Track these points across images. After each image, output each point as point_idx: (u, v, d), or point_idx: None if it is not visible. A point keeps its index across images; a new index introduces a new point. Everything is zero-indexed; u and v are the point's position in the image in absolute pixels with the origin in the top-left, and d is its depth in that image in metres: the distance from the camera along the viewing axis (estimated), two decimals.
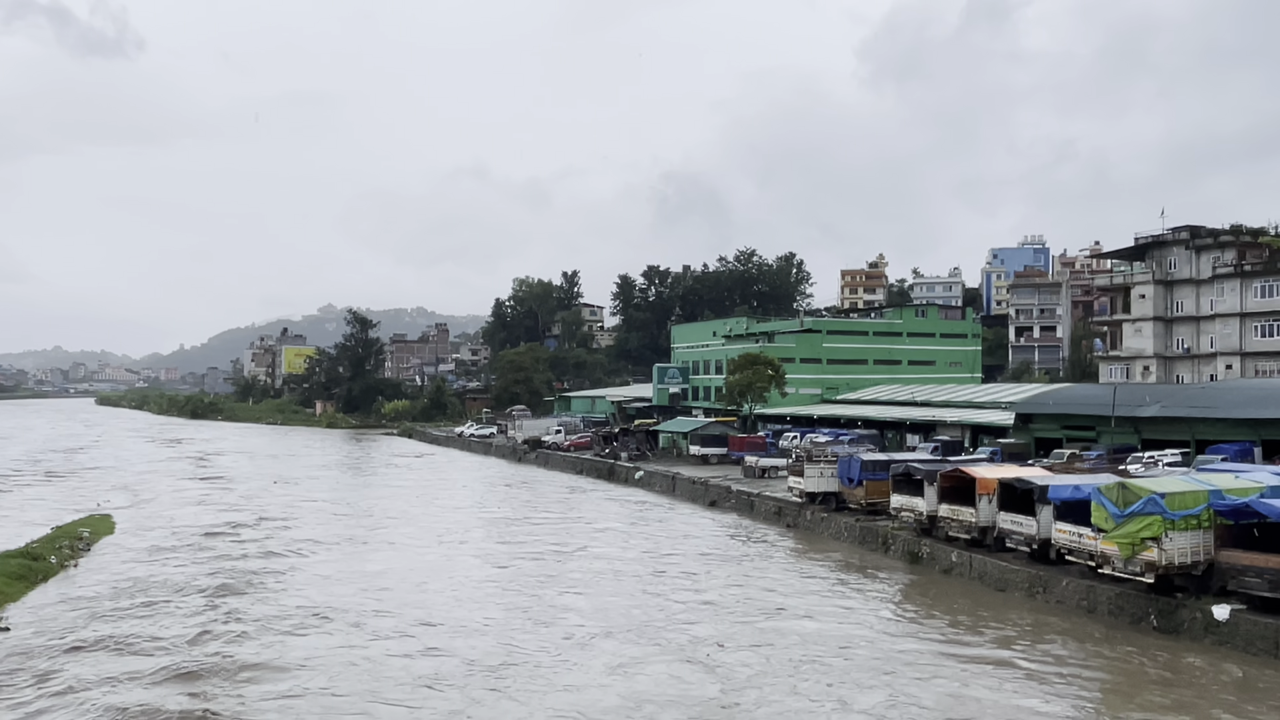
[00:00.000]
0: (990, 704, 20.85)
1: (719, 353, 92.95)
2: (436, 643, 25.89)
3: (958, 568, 33.17)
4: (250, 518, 50.28)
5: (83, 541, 39.27)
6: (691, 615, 28.88)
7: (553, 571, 36.50)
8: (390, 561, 38.68)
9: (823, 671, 23.19)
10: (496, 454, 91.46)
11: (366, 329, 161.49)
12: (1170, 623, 25.27)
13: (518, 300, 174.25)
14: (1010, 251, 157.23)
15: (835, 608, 29.55)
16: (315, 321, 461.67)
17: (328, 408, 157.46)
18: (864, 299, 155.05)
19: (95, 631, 26.19)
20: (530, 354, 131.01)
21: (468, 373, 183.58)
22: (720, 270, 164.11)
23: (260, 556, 39.10)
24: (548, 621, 28.07)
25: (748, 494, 50.64)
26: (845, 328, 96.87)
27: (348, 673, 23.31)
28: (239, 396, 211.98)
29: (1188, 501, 25.22)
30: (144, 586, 31.94)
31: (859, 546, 38.98)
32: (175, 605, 29.74)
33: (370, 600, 31.15)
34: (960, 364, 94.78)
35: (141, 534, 43.36)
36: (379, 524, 49.88)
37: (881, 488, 39.50)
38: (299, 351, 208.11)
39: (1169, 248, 74.08)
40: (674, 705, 20.81)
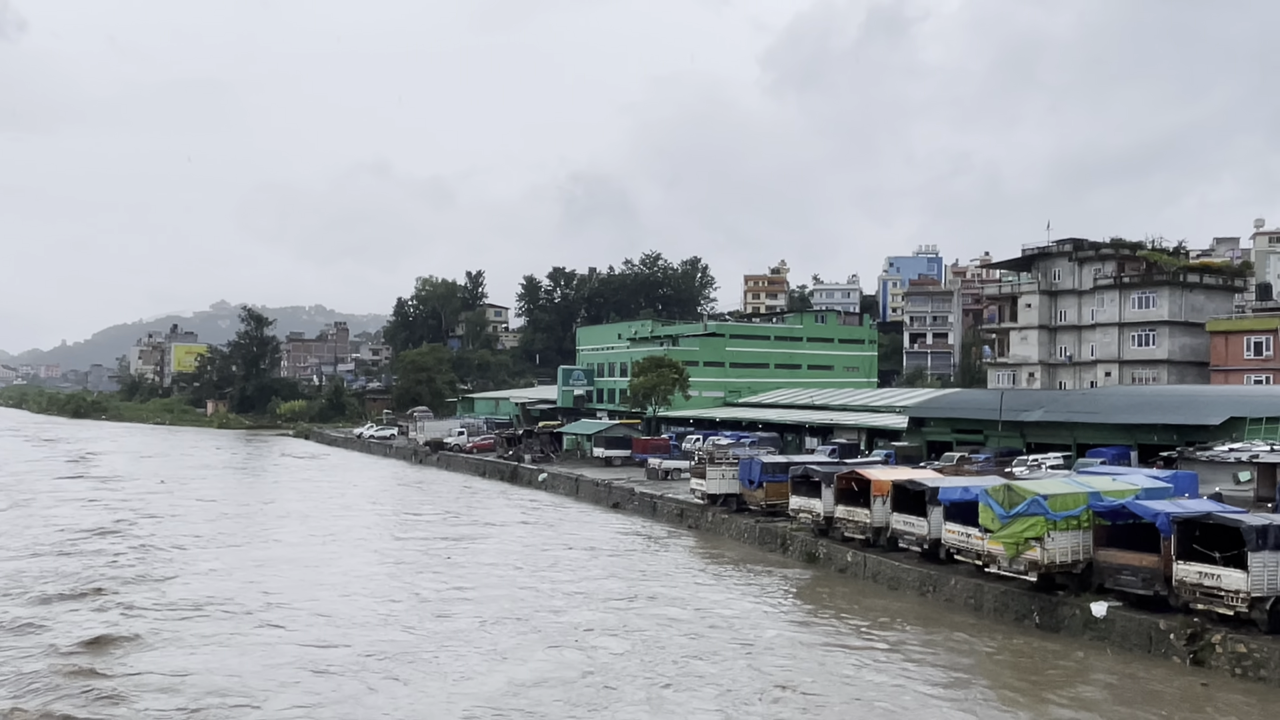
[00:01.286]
0: (867, 687, 21.61)
1: (624, 355, 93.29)
2: (325, 633, 26.62)
3: (853, 567, 34.02)
4: (135, 516, 49.47)
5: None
6: (573, 605, 30.07)
7: (445, 569, 36.98)
8: (280, 558, 38.95)
9: (695, 654, 24.23)
10: (397, 456, 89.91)
11: (262, 326, 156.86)
12: (1052, 620, 26.42)
13: (421, 300, 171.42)
14: (906, 260, 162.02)
15: (727, 600, 30.07)
16: (208, 318, 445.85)
17: (220, 407, 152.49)
18: (766, 304, 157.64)
19: None
20: (433, 354, 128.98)
21: (368, 373, 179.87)
22: (626, 273, 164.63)
23: (145, 553, 38.81)
24: (439, 614, 28.95)
25: (651, 496, 50.95)
26: (748, 332, 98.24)
27: (236, 659, 23.89)
28: (125, 395, 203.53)
29: (1068, 503, 26.40)
30: (19, 588, 30.39)
31: (758, 547, 39.64)
32: (55, 604, 28.99)
33: (259, 594, 31.54)
34: (857, 369, 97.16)
35: (17, 535, 41.24)
36: (269, 523, 49.55)
37: (781, 489, 40.20)
38: (190, 349, 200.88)
39: (1054, 259, 77.35)
40: (550, 685, 22.27)
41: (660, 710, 20.88)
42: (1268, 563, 22.13)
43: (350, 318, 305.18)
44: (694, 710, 20.86)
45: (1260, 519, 23.31)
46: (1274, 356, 61.56)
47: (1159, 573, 24.17)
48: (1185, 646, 23.04)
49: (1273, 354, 61.67)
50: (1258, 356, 62.46)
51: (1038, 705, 21.22)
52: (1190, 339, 69.27)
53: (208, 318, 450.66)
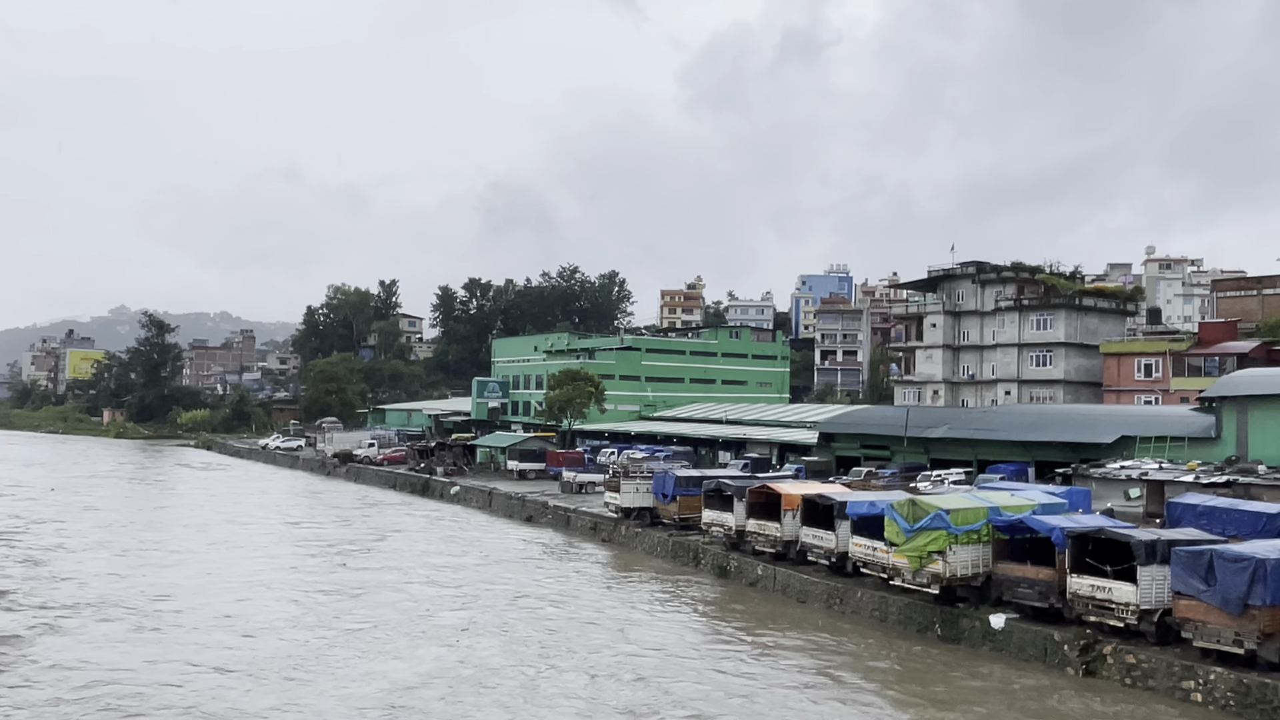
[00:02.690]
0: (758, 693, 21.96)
1: (540, 368, 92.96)
2: (216, 635, 27.47)
3: (763, 580, 34.48)
4: (24, 523, 48.99)
5: None
6: (467, 610, 31.10)
7: (341, 577, 37.21)
8: (174, 564, 39.24)
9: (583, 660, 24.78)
10: (304, 467, 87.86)
11: (163, 333, 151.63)
12: (953, 631, 27.21)
13: (332, 308, 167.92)
14: (818, 279, 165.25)
15: (633, 611, 30.21)
16: (106, 324, 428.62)
17: (117, 416, 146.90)
18: (682, 319, 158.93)
19: None
20: (344, 364, 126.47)
21: (275, 382, 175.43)
22: (543, 285, 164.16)
23: (34, 557, 38.74)
24: (332, 618, 29.97)
25: (565, 509, 50.81)
26: (664, 346, 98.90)
27: (125, 658, 24.74)
28: (16, 402, 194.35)
29: (969, 517, 27.27)
30: None
31: (671, 560, 39.87)
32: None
33: (149, 597, 32.17)
34: (770, 384, 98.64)
35: None
36: (164, 531, 49.08)
37: (694, 503, 40.54)
38: (86, 355, 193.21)
39: (958, 281, 79.83)
40: (432, 683, 23.48)
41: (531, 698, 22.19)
42: (1156, 576, 23.20)
43: (257, 325, 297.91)
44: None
45: (1149, 534, 24.44)
46: (1163, 378, 64.53)
47: (1054, 586, 25.12)
48: (1078, 657, 23.97)
49: (1161, 375, 64.63)
50: (1148, 378, 65.38)
51: (931, 711, 21.83)
52: (1085, 360, 72.15)
53: (106, 323, 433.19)
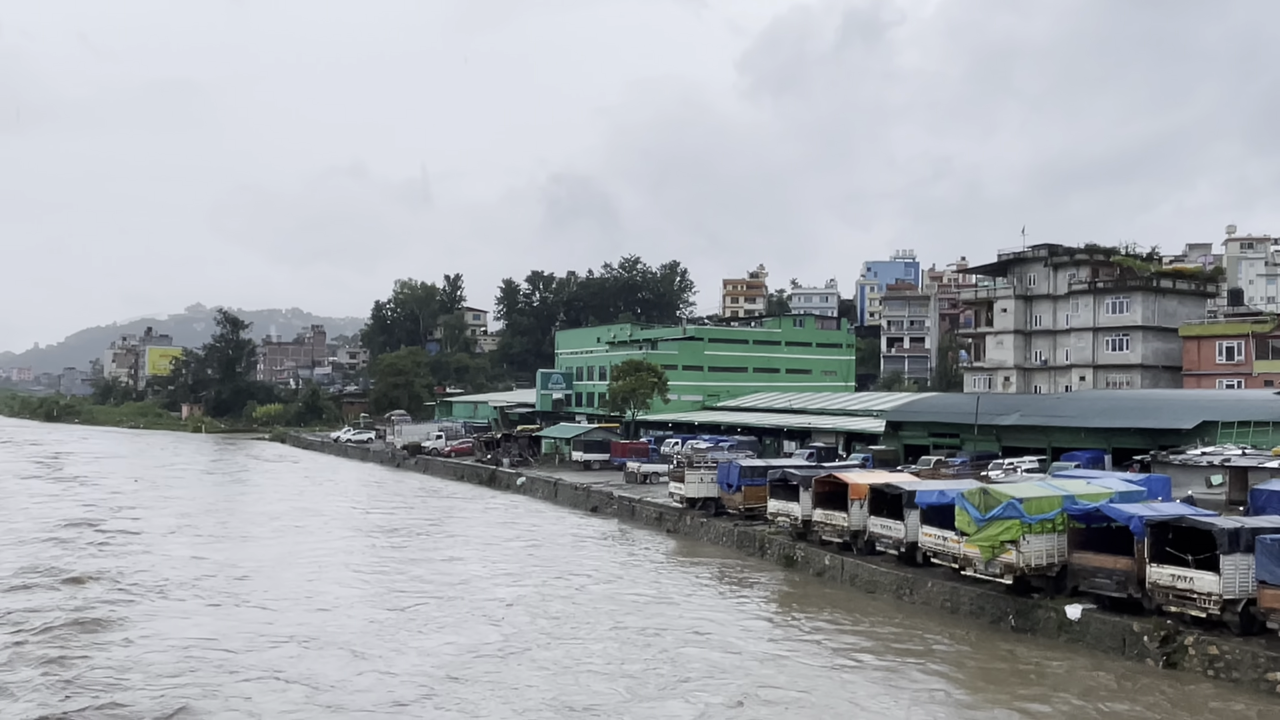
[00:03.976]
0: (829, 684, 21.65)
1: (603, 359, 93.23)
2: (290, 612, 29.47)
3: (830, 570, 34.13)
4: (110, 512, 51.42)
5: None
6: (532, 594, 32.00)
7: (411, 562, 38.51)
8: (251, 549, 41.28)
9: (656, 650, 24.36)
10: (374, 459, 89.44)
11: (237, 330, 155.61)
12: (1027, 622, 26.60)
13: (398, 303, 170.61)
14: (883, 265, 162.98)
15: (698, 599, 30.11)
16: (183, 321, 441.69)
17: (195, 411, 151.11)
18: (745, 308, 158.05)
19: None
20: (411, 358, 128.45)
21: (345, 376, 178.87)
22: (605, 277, 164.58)
23: (121, 544, 41.20)
24: (399, 598, 31.72)
25: (629, 500, 50.92)
26: (726, 336, 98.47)
27: (208, 633, 26.80)
28: (98, 399, 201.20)
29: (1044, 506, 26.61)
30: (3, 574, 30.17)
31: (737, 550, 39.68)
32: (38, 588, 30.72)
33: (228, 579, 34.37)
34: (835, 373, 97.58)
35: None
36: (242, 519, 51.07)
37: (759, 493, 40.27)
38: (164, 352, 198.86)
39: (1029, 264, 78.00)
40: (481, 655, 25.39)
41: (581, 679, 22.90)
42: (1239, 565, 22.38)
43: (327, 321, 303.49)
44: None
45: (1232, 522, 23.60)
46: (1245, 361, 62.32)
47: (1133, 575, 24.39)
48: (1159, 649, 23.26)
49: (1244, 359, 62.43)
50: (1229, 361, 63.22)
51: (1011, 705, 21.34)
52: (1163, 344, 70.01)
53: (183, 320, 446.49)
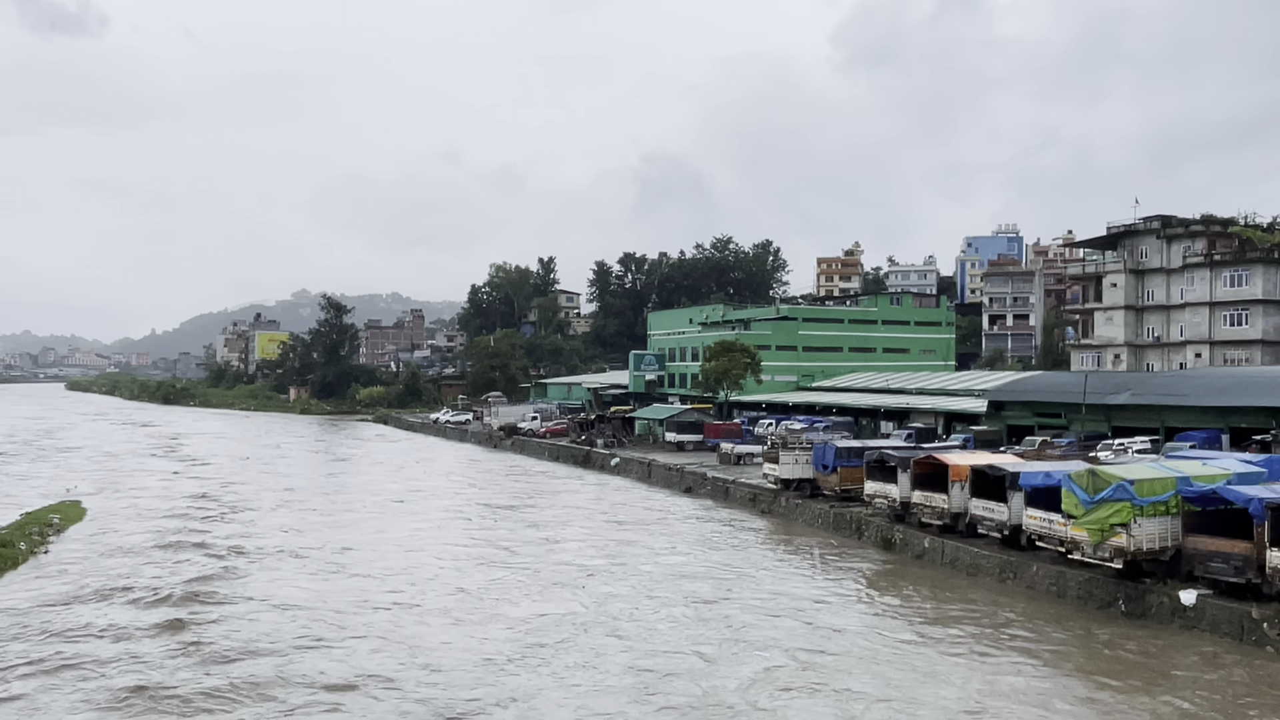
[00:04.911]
0: (935, 671, 21.18)
1: (695, 340, 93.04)
2: (389, 579, 31.50)
3: (930, 553, 33.49)
4: (222, 487, 54.71)
5: (52, 528, 38.86)
6: (627, 571, 32.26)
7: (500, 538, 39.78)
8: (353, 523, 43.82)
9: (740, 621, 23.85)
10: (472, 440, 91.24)
11: (341, 314, 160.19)
12: (1138, 607, 25.65)
13: (494, 286, 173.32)
14: (984, 240, 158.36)
15: (794, 580, 29.89)
16: (289, 306, 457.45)
17: (302, 394, 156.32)
18: (840, 287, 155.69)
19: (62, 616, 26.00)
20: (506, 340, 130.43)
21: (443, 359, 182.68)
22: (697, 257, 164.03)
23: (233, 518, 44.13)
24: (492, 570, 33.48)
25: (723, 480, 50.83)
26: (821, 315, 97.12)
27: (314, 595, 29.26)
28: (211, 382, 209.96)
29: (1156, 488, 25.56)
30: (111, 574, 31.74)
31: (833, 532, 39.26)
32: (163, 556, 33.05)
33: (334, 549, 36.76)
34: (934, 352, 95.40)
35: (114, 517, 43.19)
36: (344, 495, 53.62)
37: (856, 474, 39.73)
38: (272, 337, 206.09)
39: (1141, 237, 74.80)
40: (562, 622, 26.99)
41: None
42: None
43: (426, 304, 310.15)
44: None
45: None
46: None
47: (1252, 560, 23.28)
48: (1279, 636, 22.18)
49: None
50: None
51: (1127, 695, 20.62)
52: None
53: (289, 306, 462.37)
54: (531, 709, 19.92)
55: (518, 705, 20.12)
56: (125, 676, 21.52)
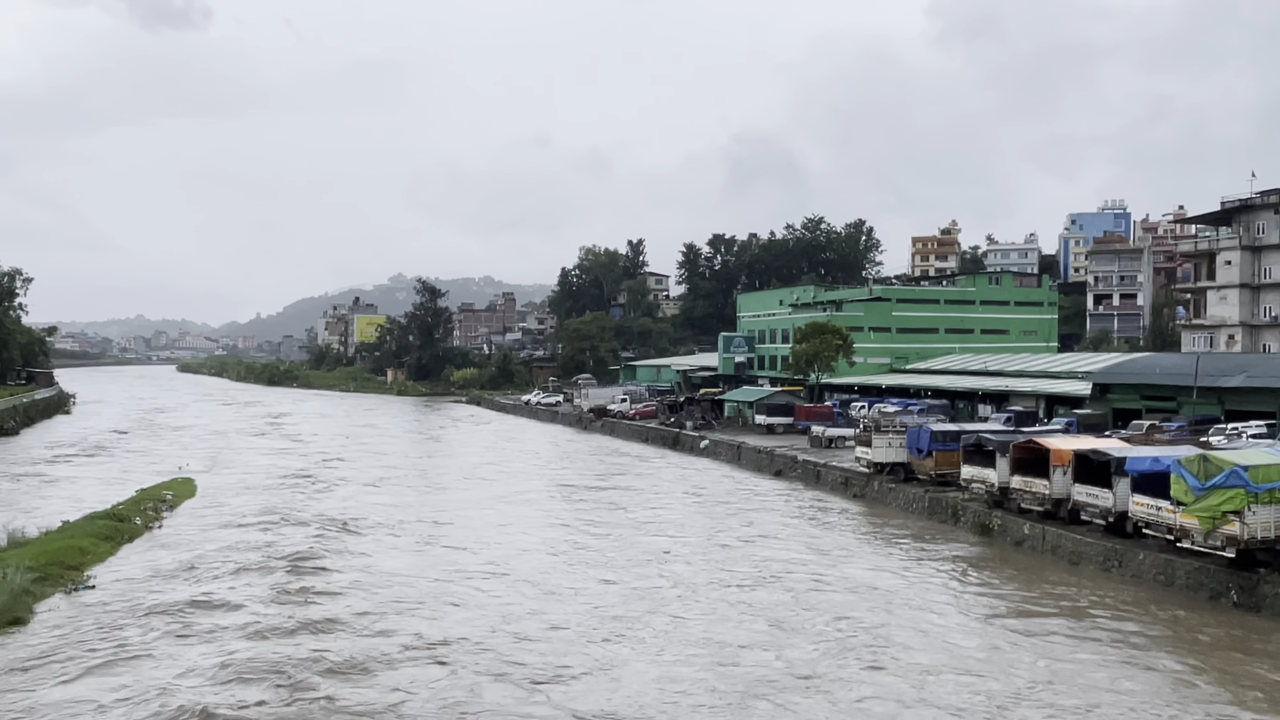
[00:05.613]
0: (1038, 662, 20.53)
1: (785, 322, 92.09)
2: (491, 556, 32.46)
3: (1030, 540, 32.57)
4: (323, 464, 57.26)
5: (166, 504, 40.66)
6: (714, 551, 31.44)
7: (595, 516, 40.57)
8: (447, 498, 45.71)
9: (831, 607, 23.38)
10: (562, 422, 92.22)
11: (435, 298, 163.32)
12: (1251, 598, 24.49)
13: (583, 269, 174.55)
14: (1089, 217, 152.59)
15: (888, 564, 29.37)
16: (386, 290, 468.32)
17: (398, 375, 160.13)
18: (936, 266, 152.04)
19: (177, 587, 27.21)
20: (596, 323, 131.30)
21: (534, 341, 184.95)
22: (787, 238, 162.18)
23: (334, 492, 46.21)
24: (579, 547, 34.31)
25: (814, 464, 50.28)
26: (916, 296, 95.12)
27: (408, 565, 31.16)
28: (313, 364, 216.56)
29: (1272, 474, 24.34)
30: (223, 545, 33.04)
31: (927, 517, 38.50)
32: (269, 526, 34.48)
33: (429, 524, 38.38)
34: (1035, 333, 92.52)
35: (222, 493, 45.04)
36: (438, 472, 55.70)
37: (951, 459, 38.88)
38: (370, 320, 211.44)
39: (1258, 212, 71.05)
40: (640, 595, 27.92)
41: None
42: None
43: (517, 288, 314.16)
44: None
45: None
46: None
47: None
48: None
49: None
50: None
51: (1239, 690, 19.70)
52: None
53: (386, 290, 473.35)
54: (618, 677, 20.41)
55: (605, 673, 20.67)
56: (241, 636, 22.79)
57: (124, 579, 28.21)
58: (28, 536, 31.19)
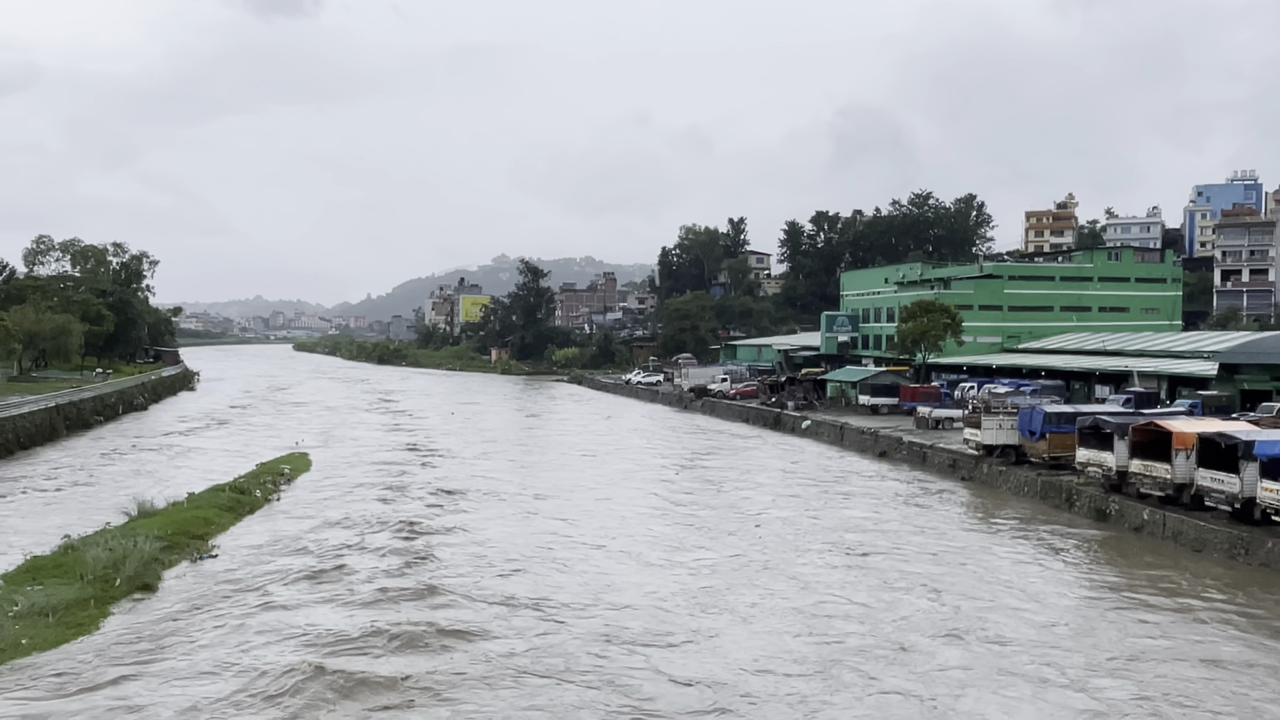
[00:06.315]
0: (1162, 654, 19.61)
1: (891, 300, 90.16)
2: (592, 527, 33.51)
3: (1149, 526, 31.22)
4: (431, 438, 59.16)
5: (283, 477, 42.30)
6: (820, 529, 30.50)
7: (690, 494, 40.88)
8: (549, 472, 47.06)
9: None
10: (662, 401, 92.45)
11: (538, 278, 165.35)
12: None
13: (683, 249, 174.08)
14: (1217, 189, 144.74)
15: (999, 550, 28.45)
16: (490, 271, 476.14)
17: (502, 355, 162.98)
18: (1050, 242, 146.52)
19: (295, 555, 28.33)
20: (696, 302, 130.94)
21: (635, 321, 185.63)
22: (893, 214, 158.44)
23: (442, 465, 47.79)
24: (674, 521, 34.33)
25: (920, 445, 49.19)
26: (1029, 273, 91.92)
27: (509, 532, 32.73)
28: (421, 343, 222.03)
29: None
30: (339, 515, 34.20)
31: (1040, 501, 37.28)
32: (371, 514, 34.54)
33: (533, 496, 39.79)
34: (1157, 310, 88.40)
35: (336, 466, 46.69)
36: (540, 448, 57.34)
37: (1066, 441, 37.57)
38: (475, 300, 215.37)
39: None
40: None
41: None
42: None
43: (618, 268, 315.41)
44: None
45: None
46: None
47: None
48: None
49: None
50: None
51: None
52: None
53: (490, 271, 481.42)
54: (716, 644, 20.96)
55: (704, 640, 21.22)
56: (358, 599, 23.94)
57: (246, 547, 29.47)
58: (156, 508, 32.81)
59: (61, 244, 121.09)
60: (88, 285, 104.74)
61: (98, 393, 70.09)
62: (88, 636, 20.73)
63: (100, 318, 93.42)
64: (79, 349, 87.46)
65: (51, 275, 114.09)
